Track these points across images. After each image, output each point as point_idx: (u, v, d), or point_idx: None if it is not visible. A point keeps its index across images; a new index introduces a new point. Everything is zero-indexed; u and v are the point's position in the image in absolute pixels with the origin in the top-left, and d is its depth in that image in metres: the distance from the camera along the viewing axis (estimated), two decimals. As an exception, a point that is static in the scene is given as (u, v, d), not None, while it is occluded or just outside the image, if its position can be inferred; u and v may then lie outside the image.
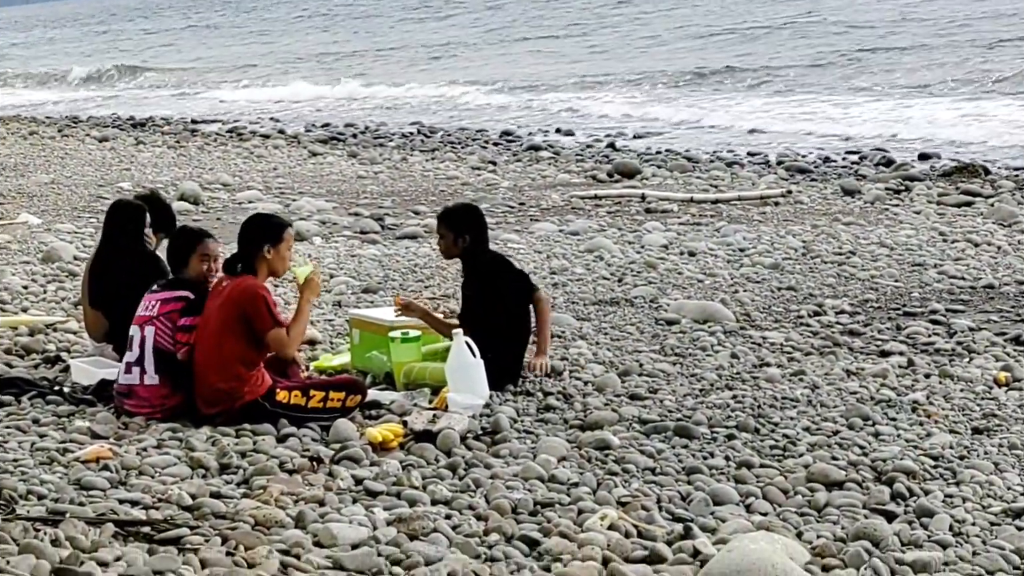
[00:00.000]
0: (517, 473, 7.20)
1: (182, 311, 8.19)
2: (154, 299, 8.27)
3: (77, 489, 6.69)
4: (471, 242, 9.05)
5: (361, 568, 5.78)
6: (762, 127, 28.93)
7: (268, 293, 8.14)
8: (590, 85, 38.82)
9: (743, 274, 13.12)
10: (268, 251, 8.17)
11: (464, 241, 9.04)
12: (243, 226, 8.36)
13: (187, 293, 8.24)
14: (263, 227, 8.29)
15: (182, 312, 8.19)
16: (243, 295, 8.03)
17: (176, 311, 8.19)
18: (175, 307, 8.20)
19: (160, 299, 8.24)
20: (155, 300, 8.26)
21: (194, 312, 8.18)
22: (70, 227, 16.18)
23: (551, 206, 18.47)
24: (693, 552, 6.07)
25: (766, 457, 7.62)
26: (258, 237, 8.21)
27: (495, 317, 8.87)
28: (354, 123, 32.21)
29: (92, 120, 34.16)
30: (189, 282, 8.33)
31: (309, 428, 7.93)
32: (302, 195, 19.44)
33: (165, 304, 8.21)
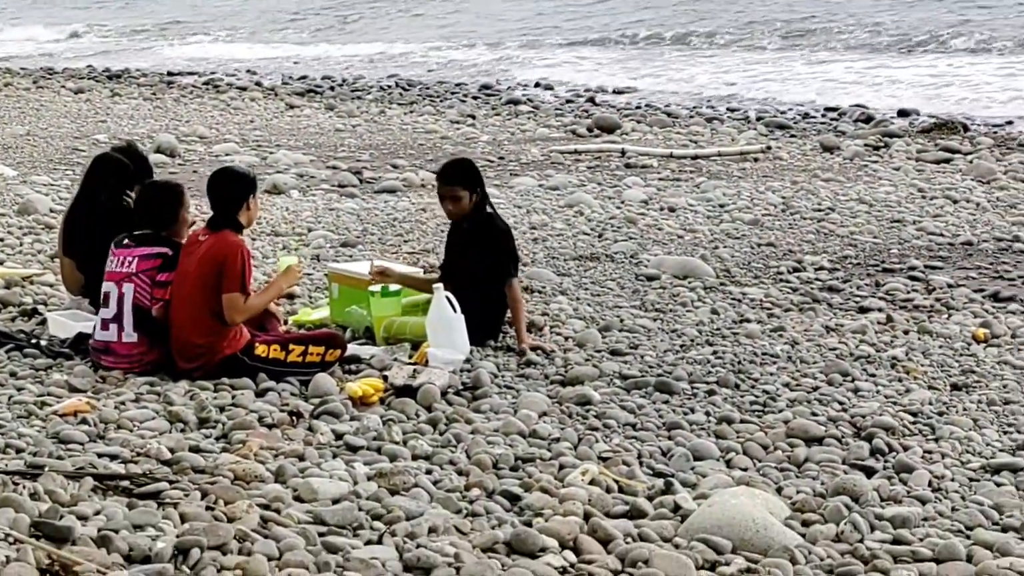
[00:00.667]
0: (498, 428, 7.20)
1: (160, 267, 8.13)
2: (130, 255, 8.16)
3: (55, 443, 6.65)
4: (481, 197, 8.98)
5: (342, 523, 5.76)
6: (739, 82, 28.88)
7: (249, 256, 8.10)
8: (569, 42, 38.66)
9: (723, 230, 13.11)
10: (250, 201, 8.16)
11: (476, 196, 8.96)
12: (219, 182, 8.24)
13: (165, 249, 8.17)
14: (242, 179, 8.25)
15: (160, 268, 8.13)
16: (225, 249, 7.98)
17: (155, 268, 8.13)
18: (154, 264, 8.14)
19: (138, 255, 8.15)
20: (132, 256, 8.16)
21: (171, 268, 8.12)
22: (46, 179, 16.06)
23: (531, 160, 18.43)
24: (674, 507, 6.07)
25: (746, 413, 7.64)
26: (241, 190, 8.17)
27: (480, 273, 8.82)
28: (331, 76, 32.04)
29: (67, 72, 33.88)
30: (165, 238, 8.25)
31: (288, 383, 7.90)
32: (279, 148, 19.35)
33: (144, 261, 8.13)
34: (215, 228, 8.11)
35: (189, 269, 8.03)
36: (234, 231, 8.10)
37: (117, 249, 8.23)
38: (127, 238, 8.25)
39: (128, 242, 8.23)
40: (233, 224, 8.11)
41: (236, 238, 8.07)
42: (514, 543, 5.59)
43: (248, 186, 8.19)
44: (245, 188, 8.17)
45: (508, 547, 5.58)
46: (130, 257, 8.16)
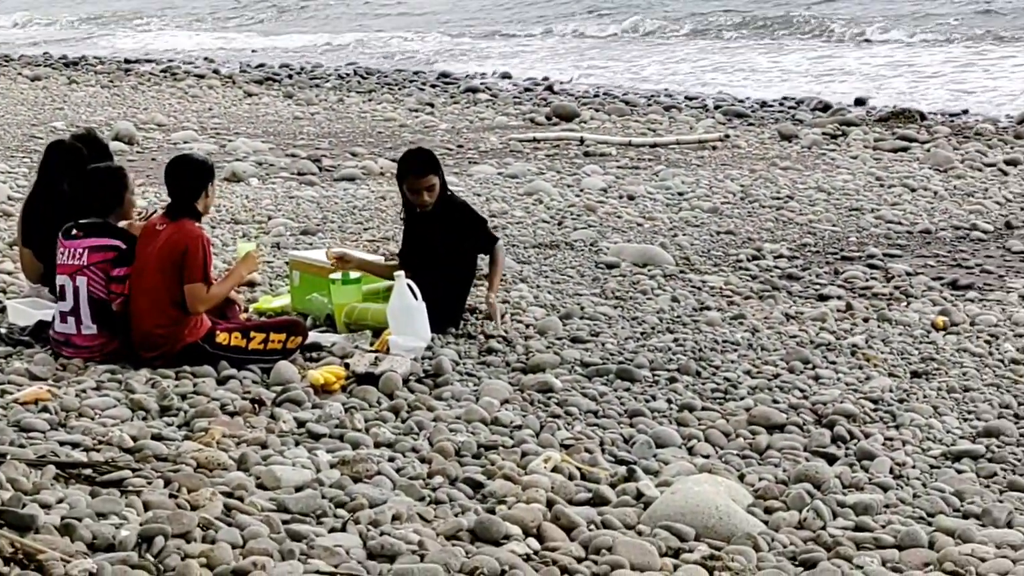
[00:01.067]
0: (460, 416, 7.20)
1: (114, 261, 8.07)
2: (80, 246, 8.09)
3: (16, 431, 6.61)
4: (442, 184, 9.00)
5: (305, 510, 5.75)
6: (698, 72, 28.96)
7: (209, 245, 8.07)
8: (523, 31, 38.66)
9: (682, 218, 13.15)
10: (208, 189, 8.12)
11: (441, 182, 8.98)
12: (176, 170, 8.18)
13: (118, 242, 8.10)
14: (201, 167, 8.20)
15: (114, 262, 8.07)
16: (186, 239, 7.94)
17: (108, 261, 8.06)
18: (106, 256, 8.06)
19: (88, 247, 8.08)
20: (81, 248, 8.09)
21: (126, 262, 8.06)
22: (3, 167, 15.94)
23: (489, 148, 18.43)
24: (636, 494, 6.10)
25: (708, 400, 7.67)
26: (200, 177, 8.12)
27: (442, 260, 8.83)
28: (289, 64, 31.94)
29: (24, 59, 33.66)
30: (114, 228, 8.19)
31: (250, 370, 7.88)
32: (238, 136, 19.28)
33: (95, 253, 8.07)
34: (173, 217, 8.07)
35: (148, 259, 7.98)
36: (192, 219, 8.06)
37: (66, 240, 8.15)
38: (75, 228, 8.18)
39: (76, 232, 8.16)
40: (191, 212, 8.07)
41: (195, 227, 8.04)
42: (478, 530, 5.60)
43: (206, 174, 8.15)
44: (203, 176, 8.13)
45: (472, 534, 5.59)
46: (80, 248, 8.09)
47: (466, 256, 9.01)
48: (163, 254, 7.94)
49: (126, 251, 8.07)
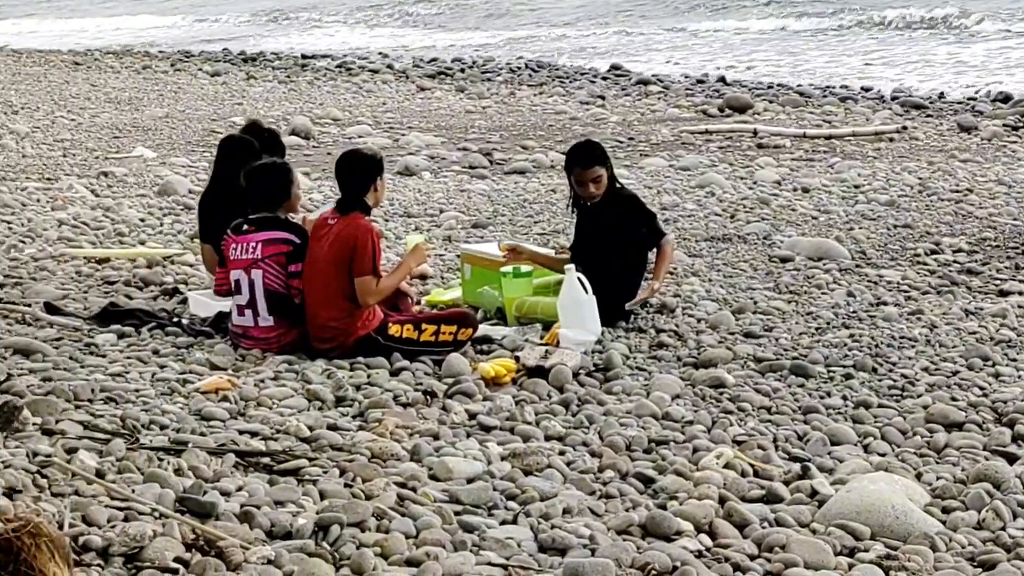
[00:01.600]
0: (631, 410, 7.19)
1: (289, 256, 8.19)
2: (252, 240, 8.23)
3: (198, 419, 6.77)
4: (610, 176, 9.00)
5: (476, 502, 5.80)
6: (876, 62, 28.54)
7: (379, 238, 8.18)
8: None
9: (858, 211, 12.96)
10: (377, 183, 8.21)
11: (610, 173, 8.99)
12: (346, 164, 8.31)
13: (291, 236, 8.23)
14: (370, 161, 8.30)
15: (289, 257, 8.19)
16: (356, 232, 8.05)
17: (283, 255, 8.19)
18: (280, 250, 8.20)
19: (261, 240, 8.22)
20: (254, 242, 8.23)
21: (300, 258, 8.19)
22: (184, 161, 16.35)
23: (661, 141, 18.36)
24: (811, 492, 6.03)
25: (884, 397, 7.55)
26: (369, 171, 8.22)
27: (613, 253, 8.82)
28: (461, 58, 32.17)
29: (204, 55, 34.41)
30: (286, 222, 8.32)
31: (422, 362, 7.97)
32: (411, 130, 19.48)
33: (268, 246, 8.21)
34: (344, 211, 8.18)
35: (320, 253, 8.10)
36: (362, 213, 8.17)
37: (237, 236, 8.30)
38: (245, 223, 8.33)
39: (248, 228, 8.31)
40: (361, 206, 8.18)
41: (366, 221, 8.14)
42: (649, 526, 5.59)
43: (374, 168, 8.25)
44: (371, 171, 8.23)
45: (643, 530, 5.59)
46: (253, 243, 8.23)
47: (636, 249, 8.99)
48: (335, 248, 8.06)
49: (300, 246, 8.19)
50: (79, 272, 10.26)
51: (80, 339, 8.34)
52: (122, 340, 8.36)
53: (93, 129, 19.55)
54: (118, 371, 7.62)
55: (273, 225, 8.28)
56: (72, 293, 9.57)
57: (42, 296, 9.31)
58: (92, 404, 6.94)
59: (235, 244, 8.29)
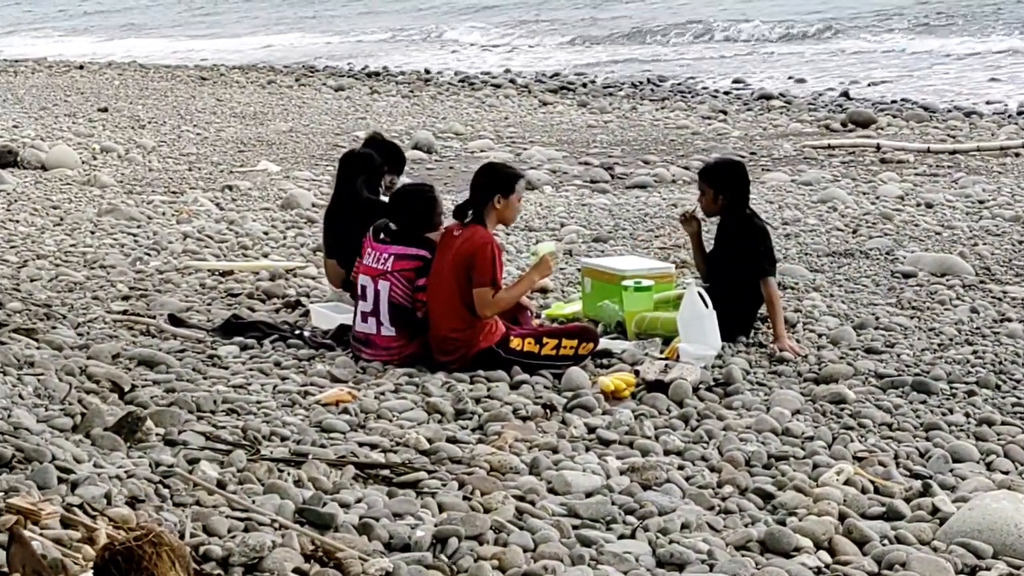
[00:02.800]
0: (750, 425, 7.15)
1: (418, 271, 8.26)
2: (385, 252, 8.32)
3: (318, 431, 6.86)
4: (728, 200, 8.94)
5: (595, 516, 5.81)
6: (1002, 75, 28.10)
7: (499, 251, 8.20)
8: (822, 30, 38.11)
9: (982, 226, 12.78)
10: (498, 200, 8.19)
11: (722, 199, 8.94)
12: (476, 174, 8.40)
13: (424, 252, 8.30)
14: (496, 177, 8.31)
15: (418, 272, 8.26)
16: (476, 243, 8.10)
17: (412, 270, 8.26)
18: (411, 265, 8.27)
19: (393, 254, 8.30)
20: (387, 254, 8.31)
21: (428, 272, 8.27)
22: (308, 175, 16.54)
23: (783, 156, 18.25)
24: (932, 510, 5.97)
25: (1007, 415, 7.44)
26: (490, 187, 8.24)
27: (736, 270, 8.79)
28: (584, 72, 32.20)
29: (328, 70, 34.78)
30: (421, 238, 8.38)
31: (541, 376, 7.99)
32: (532, 144, 19.54)
33: (400, 260, 8.28)
34: (460, 220, 8.23)
35: (444, 264, 8.16)
36: (484, 225, 8.19)
37: (375, 243, 8.39)
38: (383, 232, 8.41)
39: (385, 237, 8.38)
40: (477, 218, 8.20)
41: (486, 232, 8.17)
42: (768, 542, 5.56)
43: (496, 183, 8.23)
44: (493, 184, 8.22)
45: (762, 545, 5.56)
46: (386, 254, 8.32)
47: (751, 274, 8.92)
48: (456, 259, 8.11)
49: (430, 261, 8.25)
50: (203, 284, 10.42)
51: (203, 351, 8.48)
52: (244, 352, 8.49)
53: (218, 143, 19.85)
54: (240, 383, 7.74)
55: (409, 240, 8.34)
56: (196, 305, 9.72)
57: (166, 308, 9.47)
58: (214, 415, 7.06)
59: (371, 249, 8.38)
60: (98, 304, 9.71)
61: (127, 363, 8.09)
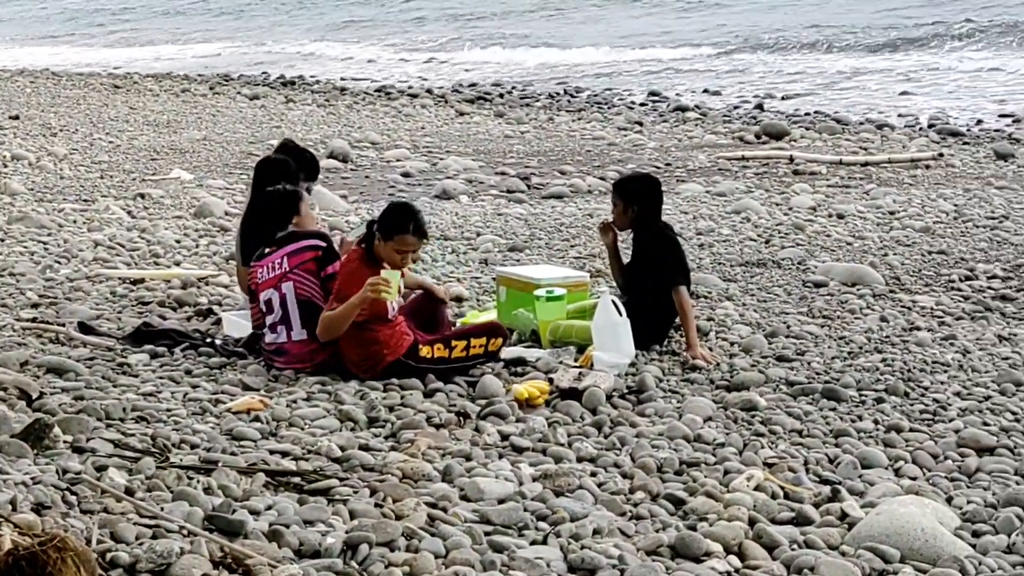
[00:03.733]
0: (663, 432, 7.19)
1: (319, 261, 8.20)
2: (276, 257, 8.28)
3: (229, 439, 6.81)
4: (640, 212, 8.97)
5: (507, 522, 5.81)
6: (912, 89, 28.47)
7: (355, 270, 7.98)
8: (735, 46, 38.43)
9: (893, 237, 12.93)
10: (377, 238, 8.04)
11: (633, 212, 8.97)
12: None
13: (316, 242, 8.25)
14: (387, 215, 8.09)
15: (319, 263, 8.20)
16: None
17: (312, 260, 8.22)
18: (307, 257, 8.24)
19: (286, 254, 8.26)
20: (279, 258, 8.27)
21: (332, 259, 8.22)
22: (221, 183, 16.44)
23: (697, 167, 18.37)
24: (841, 515, 6.02)
25: (915, 421, 7.53)
26: (378, 221, 8.09)
27: (649, 280, 8.82)
28: (501, 83, 32.26)
29: (243, 78, 34.62)
30: (304, 231, 8.36)
31: (456, 384, 7.98)
32: (449, 154, 19.54)
33: (294, 257, 8.25)
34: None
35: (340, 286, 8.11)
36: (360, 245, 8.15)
37: (260, 261, 8.35)
38: (266, 247, 8.38)
39: (269, 249, 8.35)
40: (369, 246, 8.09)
41: (357, 254, 8.08)
42: (678, 547, 5.58)
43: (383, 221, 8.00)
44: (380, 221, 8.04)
45: (673, 550, 5.58)
46: (277, 260, 8.28)
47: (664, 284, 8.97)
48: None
49: (328, 248, 8.21)
50: (114, 293, 10.33)
51: (113, 359, 8.40)
52: (155, 360, 8.42)
53: (131, 151, 19.68)
54: (150, 391, 7.67)
55: (292, 239, 8.32)
56: (106, 313, 9.64)
57: (76, 316, 9.38)
58: (123, 423, 6.98)
59: (261, 268, 8.34)
60: (6, 312, 9.61)
61: (36, 370, 8.00)
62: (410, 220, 8.03)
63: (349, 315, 7.93)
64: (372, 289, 7.81)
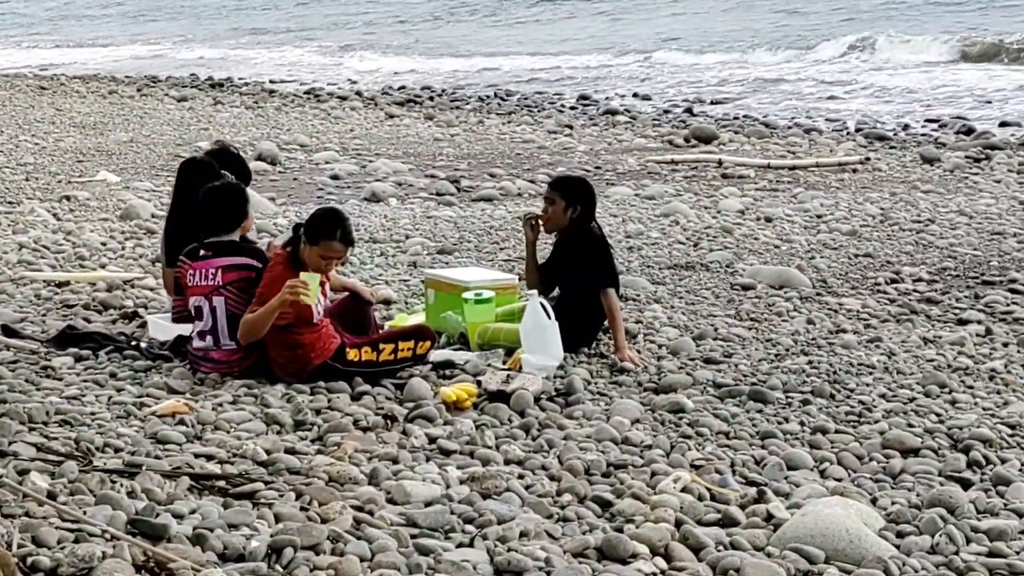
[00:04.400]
0: (590, 435, 7.19)
1: (251, 282, 8.11)
2: (211, 267, 8.19)
3: (153, 442, 6.74)
4: (579, 212, 8.97)
5: (434, 525, 5.79)
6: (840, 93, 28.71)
7: (279, 274, 7.91)
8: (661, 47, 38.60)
9: (820, 240, 13.02)
10: (303, 242, 8.00)
11: (574, 212, 8.97)
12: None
13: (252, 262, 8.18)
14: (314, 220, 8.04)
15: (251, 283, 8.10)
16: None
17: (244, 280, 8.16)
18: (242, 276, 8.17)
19: (220, 267, 8.18)
20: (214, 268, 8.18)
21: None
22: (148, 185, 16.31)
23: (627, 170, 18.42)
24: (767, 516, 6.05)
25: (841, 423, 7.58)
26: (305, 226, 8.04)
27: (578, 282, 8.83)
28: (431, 86, 32.21)
29: (171, 80, 34.37)
30: (245, 247, 8.29)
31: (383, 387, 7.95)
32: (378, 156, 19.48)
33: (228, 272, 8.16)
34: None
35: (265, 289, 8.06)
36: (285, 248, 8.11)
37: (194, 262, 8.25)
38: (202, 248, 8.30)
39: (205, 253, 8.27)
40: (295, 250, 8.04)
41: (282, 258, 8.03)
42: (605, 549, 5.59)
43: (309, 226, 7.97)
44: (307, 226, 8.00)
45: (599, 552, 5.58)
46: (212, 269, 8.19)
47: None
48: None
49: (262, 270, 8.15)
50: (38, 295, 10.22)
51: (37, 362, 8.30)
52: (79, 363, 8.33)
53: (56, 153, 19.49)
54: (74, 394, 7.59)
55: (231, 251, 8.24)
56: (30, 316, 9.54)
57: (0, 318, 9.26)
58: (47, 427, 6.90)
59: (192, 271, 8.25)
60: (-72, 314, 9.47)
61: (-43, 374, 7.89)
62: (337, 227, 7.98)
63: (268, 317, 7.86)
64: (291, 291, 7.74)
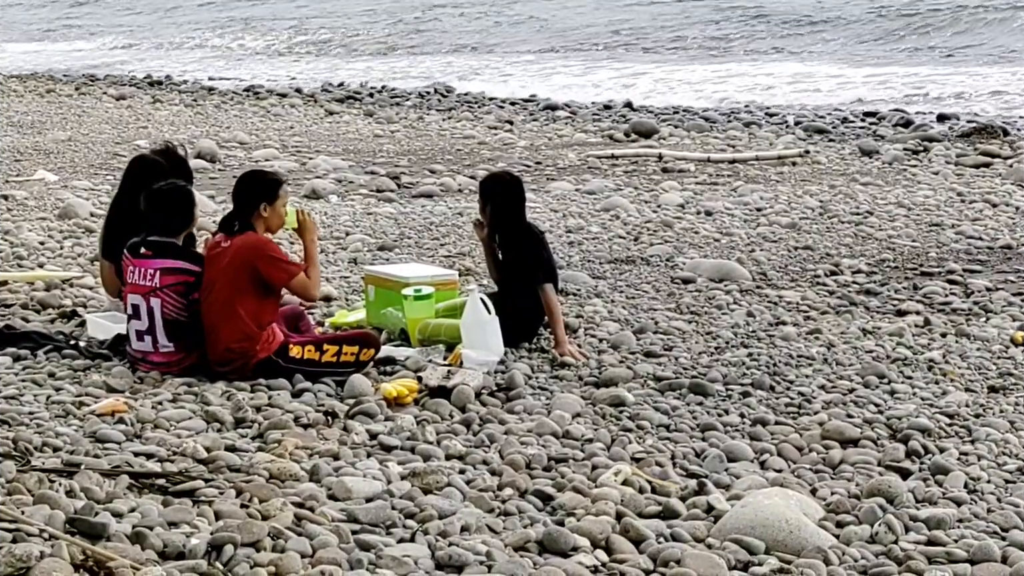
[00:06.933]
0: (531, 429, 7.21)
1: (189, 286, 8.10)
2: (150, 267, 8.12)
3: (92, 441, 6.70)
4: (494, 210, 8.98)
5: (375, 521, 5.79)
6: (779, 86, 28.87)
7: (274, 244, 8.16)
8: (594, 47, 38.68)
9: (760, 233, 13.09)
10: (264, 209, 8.11)
11: (491, 210, 8.98)
12: (237, 183, 8.29)
13: (191, 267, 8.14)
14: (259, 184, 8.22)
15: (188, 287, 8.09)
16: (252, 253, 8.01)
17: (182, 284, 8.12)
18: (179, 280, 8.12)
19: (159, 268, 8.11)
20: (152, 269, 8.11)
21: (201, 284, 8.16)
22: (87, 184, 16.17)
23: (567, 165, 18.44)
24: (707, 508, 6.08)
25: (781, 415, 7.63)
26: (254, 195, 8.15)
27: (516, 278, 8.83)
28: (370, 82, 32.12)
29: (109, 79, 34.09)
30: (184, 251, 8.26)
31: (324, 383, 7.93)
32: (318, 153, 19.42)
33: (167, 275, 8.10)
34: (227, 231, 8.12)
35: (216, 276, 8.03)
36: (254, 231, 8.12)
37: (135, 259, 8.20)
38: (143, 247, 8.25)
39: (145, 252, 8.22)
40: (246, 227, 8.11)
41: (256, 236, 8.09)
42: (546, 542, 5.60)
43: (260, 190, 8.17)
44: (257, 193, 8.17)
45: (540, 546, 5.61)
46: (151, 270, 8.13)
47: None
48: (231, 270, 7.99)
49: (200, 274, 8.12)
50: (-24, 295, 10.12)
51: (-26, 362, 8.23)
52: (17, 363, 8.26)
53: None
54: (12, 394, 7.53)
55: (171, 253, 8.19)
56: (-32, 316, 9.45)
57: (-63, 319, 9.18)
58: (-16, 427, 6.85)
59: (132, 267, 8.20)
60: None
61: None
62: (273, 175, 8.51)
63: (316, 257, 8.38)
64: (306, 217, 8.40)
